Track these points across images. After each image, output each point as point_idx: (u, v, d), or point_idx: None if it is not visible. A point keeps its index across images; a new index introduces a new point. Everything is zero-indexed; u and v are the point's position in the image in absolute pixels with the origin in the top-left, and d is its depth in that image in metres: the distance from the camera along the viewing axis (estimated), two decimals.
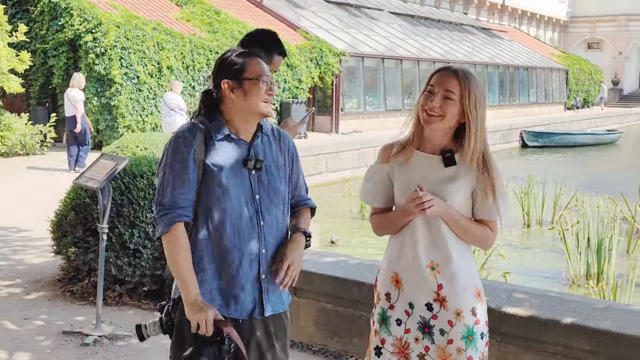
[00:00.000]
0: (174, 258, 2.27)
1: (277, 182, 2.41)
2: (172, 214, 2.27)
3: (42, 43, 15.03)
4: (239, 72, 2.34)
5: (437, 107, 2.30)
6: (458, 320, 2.33)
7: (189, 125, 2.36)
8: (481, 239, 2.39)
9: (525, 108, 30.32)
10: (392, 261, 2.43)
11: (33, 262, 6.09)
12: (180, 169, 2.29)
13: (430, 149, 2.38)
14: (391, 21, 27.57)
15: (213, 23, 17.36)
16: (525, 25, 44.15)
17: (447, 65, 2.41)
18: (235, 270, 2.30)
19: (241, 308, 2.32)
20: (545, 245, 8.39)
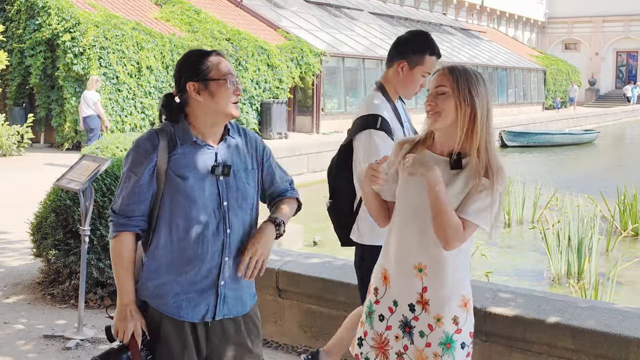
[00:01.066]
0: (115, 264, 2.31)
1: (245, 187, 2.36)
2: (118, 222, 2.28)
3: (19, 42, 14.85)
4: (204, 72, 2.26)
5: (433, 105, 2.27)
6: (438, 325, 2.29)
7: (151, 135, 2.28)
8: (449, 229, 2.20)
9: (504, 108, 30.58)
10: (383, 257, 2.43)
11: (12, 265, 5.99)
12: (135, 181, 2.26)
13: (439, 149, 2.34)
14: (371, 21, 27.65)
15: (193, 23, 17.27)
16: (504, 26, 44.53)
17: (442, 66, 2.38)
18: (193, 277, 2.28)
19: (193, 311, 2.29)
20: (527, 245, 8.45)
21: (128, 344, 2.25)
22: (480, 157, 2.24)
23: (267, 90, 17.83)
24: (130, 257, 2.29)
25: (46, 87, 14.88)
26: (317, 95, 19.40)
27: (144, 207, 2.27)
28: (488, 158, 2.25)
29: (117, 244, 2.28)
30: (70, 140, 14.47)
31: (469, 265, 2.41)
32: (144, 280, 2.30)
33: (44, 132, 15.43)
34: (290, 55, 18.71)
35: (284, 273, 4.18)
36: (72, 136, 14.45)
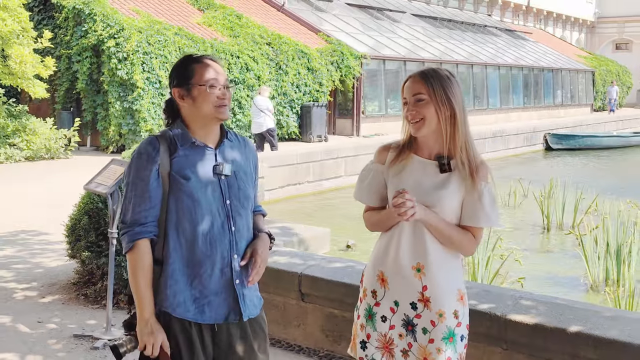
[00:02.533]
0: (133, 275, 2.29)
1: (246, 187, 2.41)
2: (133, 231, 2.28)
3: (67, 49, 15.28)
4: (187, 78, 2.33)
5: (415, 113, 2.33)
6: (440, 321, 2.36)
7: (151, 140, 2.34)
8: (460, 244, 2.37)
9: (551, 110, 29.97)
10: (377, 260, 2.47)
11: (50, 265, 6.17)
12: (142, 187, 2.28)
13: (426, 153, 2.41)
14: (414, 23, 27.47)
15: (234, 27, 17.46)
16: (551, 26, 43.65)
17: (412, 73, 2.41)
18: (208, 279, 2.30)
19: (215, 313, 2.32)
20: (565, 250, 8.25)
21: (158, 357, 2.27)
22: (463, 155, 2.34)
23: (307, 94, 17.90)
24: (149, 266, 2.29)
25: (92, 92, 15.28)
26: (357, 98, 19.38)
27: (155, 212, 2.29)
28: (470, 155, 2.35)
29: (134, 255, 2.28)
30: (114, 144, 14.81)
31: (460, 261, 2.48)
32: (163, 288, 2.31)
33: (90, 136, 15.82)
34: (331, 58, 18.75)
35: (306, 277, 4.19)
36: (117, 139, 14.78)
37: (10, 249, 6.83)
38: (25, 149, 13.44)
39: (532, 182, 12.09)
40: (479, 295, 3.60)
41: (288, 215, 9.47)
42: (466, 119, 2.37)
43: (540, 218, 9.46)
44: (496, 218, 2.37)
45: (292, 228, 5.77)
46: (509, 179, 13.11)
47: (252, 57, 16.52)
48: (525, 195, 11.46)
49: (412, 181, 2.37)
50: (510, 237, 8.67)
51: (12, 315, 4.85)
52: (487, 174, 2.37)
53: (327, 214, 10.51)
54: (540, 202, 9.54)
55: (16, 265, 6.18)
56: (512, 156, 19.52)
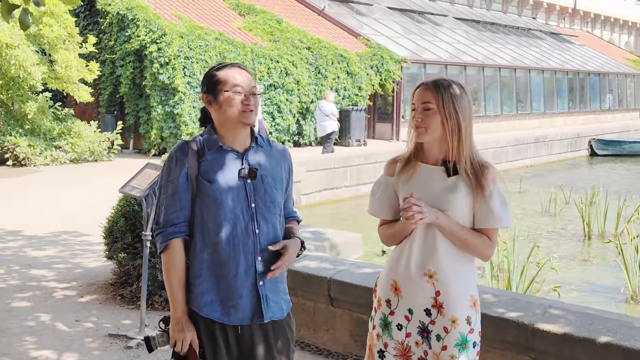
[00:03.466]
0: (167, 275, 2.39)
1: (273, 191, 2.46)
2: (166, 231, 2.38)
3: (111, 53, 15.64)
4: (214, 85, 2.43)
5: (420, 121, 2.37)
6: (453, 327, 2.37)
7: (181, 144, 2.44)
8: (476, 247, 2.38)
9: (597, 115, 29.33)
10: (391, 269, 2.49)
11: (89, 265, 6.34)
12: (173, 189, 2.38)
13: (432, 159, 2.44)
14: (455, 27, 27.24)
15: (274, 32, 17.61)
16: (599, 29, 42.74)
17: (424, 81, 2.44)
18: (233, 280, 2.37)
19: (241, 315, 2.38)
20: (605, 259, 8.08)
21: (187, 354, 2.35)
22: (468, 165, 2.37)
23: (346, 98, 17.92)
24: (182, 265, 2.38)
25: (135, 96, 15.61)
26: (397, 102, 19.31)
27: (186, 213, 2.38)
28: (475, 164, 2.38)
29: (168, 254, 2.37)
30: (156, 147, 15.09)
31: (474, 267, 2.49)
32: (192, 287, 2.38)
33: (133, 139, 16.17)
34: (370, 62, 18.73)
35: (335, 282, 4.21)
36: (158, 142, 15.06)
37: (53, 249, 7.04)
38: (70, 151, 13.80)
39: (574, 189, 11.87)
40: (507, 303, 3.57)
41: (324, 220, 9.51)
42: (471, 131, 2.40)
43: (580, 226, 9.28)
44: (508, 218, 2.38)
45: (323, 233, 5.80)
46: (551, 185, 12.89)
47: (291, 61, 16.63)
48: (566, 202, 11.26)
49: (421, 187, 2.40)
50: (549, 245, 8.53)
51: (51, 314, 4.99)
52: (495, 176, 2.39)
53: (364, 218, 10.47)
54: (581, 209, 9.36)
55: (57, 265, 6.37)
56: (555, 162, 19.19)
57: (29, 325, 4.75)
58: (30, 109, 13.35)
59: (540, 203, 11.28)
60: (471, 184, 2.36)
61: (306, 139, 17.12)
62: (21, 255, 6.74)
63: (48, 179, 11.87)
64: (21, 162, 13.20)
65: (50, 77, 13.36)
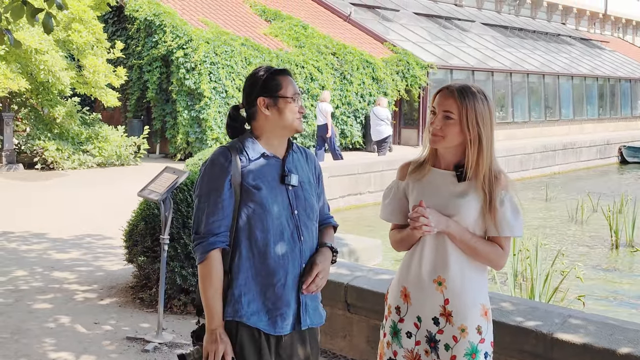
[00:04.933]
0: (205, 286, 2.31)
1: (312, 198, 2.44)
2: (207, 242, 2.30)
3: (138, 59, 15.83)
4: (274, 90, 2.38)
5: (438, 128, 2.32)
6: (463, 336, 2.32)
7: (223, 150, 2.37)
8: (487, 256, 2.33)
9: (628, 122, 28.86)
10: (401, 275, 2.45)
11: (111, 269, 6.39)
12: (216, 197, 2.31)
13: (444, 165, 2.40)
14: (483, 32, 27.04)
15: (300, 38, 17.66)
16: (630, 34, 42.06)
17: (448, 84, 2.38)
18: (281, 289, 2.32)
19: (287, 325, 2.35)
20: (632, 269, 7.90)
21: None
22: (485, 180, 2.32)
23: (372, 104, 17.87)
24: (220, 275, 2.31)
25: (162, 101, 15.76)
26: (423, 108, 19.22)
27: (228, 222, 2.32)
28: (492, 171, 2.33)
29: (207, 265, 2.30)
30: (182, 151, 15.21)
31: (486, 275, 2.44)
32: (237, 297, 2.32)
33: (159, 143, 16.32)
34: (396, 68, 18.68)
35: (352, 288, 4.18)
36: (184, 147, 15.18)
37: (76, 251, 7.11)
38: (97, 155, 13.98)
39: (602, 197, 11.65)
40: (525, 312, 3.50)
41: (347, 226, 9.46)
42: (492, 142, 2.33)
43: (608, 234, 9.09)
44: (519, 227, 2.33)
45: (343, 239, 5.76)
46: (579, 192, 12.68)
47: (316, 67, 16.65)
48: (594, 210, 11.05)
49: (430, 192, 2.37)
50: (575, 253, 8.38)
51: (71, 316, 5.04)
52: (507, 183, 2.34)
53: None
54: (609, 217, 9.17)
55: (80, 268, 6.43)
56: (584, 169, 18.87)
57: (49, 327, 4.80)
58: (59, 113, 13.56)
59: (567, 210, 11.10)
60: (484, 191, 2.31)
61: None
62: (45, 258, 6.82)
63: (75, 183, 12.03)
64: (49, 166, 13.41)
65: (78, 82, 13.56)
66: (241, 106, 2.46)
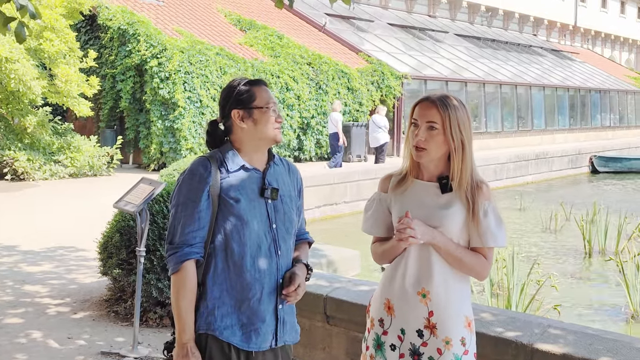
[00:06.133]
0: (177, 297, 2.25)
1: (291, 212, 2.40)
2: (181, 252, 2.25)
3: (111, 68, 15.67)
4: (248, 101, 2.34)
5: (423, 140, 2.31)
6: (447, 348, 2.30)
7: (202, 160, 2.32)
8: (472, 267, 2.32)
9: (598, 132, 29.34)
10: (384, 287, 2.43)
11: (84, 281, 6.27)
12: (193, 207, 2.27)
13: (427, 176, 2.39)
14: (457, 43, 27.33)
15: (275, 47, 17.65)
16: (599, 46, 42.89)
17: (426, 95, 2.38)
18: (257, 304, 2.28)
19: (261, 341, 2.30)
20: (606, 277, 8.00)
21: None
22: (469, 185, 2.33)
23: (347, 114, 17.92)
24: (194, 287, 2.26)
25: (135, 111, 15.61)
26: (398, 118, 19.32)
27: (203, 233, 2.27)
28: (474, 181, 2.34)
29: (181, 276, 2.25)
30: (156, 162, 15.06)
31: (469, 287, 2.43)
32: (210, 310, 2.27)
33: (133, 153, 16.14)
34: (371, 78, 18.76)
35: (331, 299, 4.14)
36: (158, 157, 15.03)
37: (48, 264, 6.97)
38: (69, 165, 13.76)
39: (575, 206, 11.80)
40: (505, 322, 3.50)
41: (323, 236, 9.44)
42: (472, 149, 2.36)
43: (581, 243, 9.20)
44: (502, 237, 2.33)
45: (320, 249, 5.73)
46: (552, 202, 12.83)
47: (292, 76, 16.65)
48: (567, 219, 11.19)
49: (415, 204, 2.35)
50: (549, 263, 8.45)
51: (43, 331, 4.92)
52: (490, 194, 2.34)
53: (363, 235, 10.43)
54: (582, 226, 9.29)
55: (52, 281, 6.30)
56: (556, 179, 19.13)
57: (20, 343, 4.68)
58: (30, 123, 13.34)
59: (541, 220, 11.22)
60: (467, 201, 2.31)
61: (307, 154, 17.10)
62: (16, 271, 6.68)
63: (46, 194, 11.83)
64: (20, 177, 13.16)
65: (50, 92, 13.36)
66: (218, 120, 2.41)
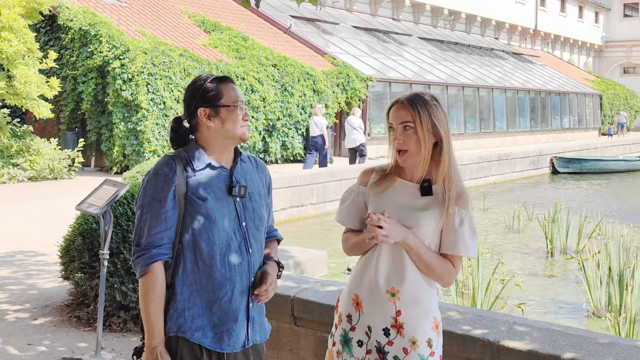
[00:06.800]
0: (145, 301, 2.20)
1: (261, 209, 2.37)
2: (148, 254, 2.21)
3: (72, 69, 15.38)
4: (215, 99, 2.29)
5: (401, 142, 2.30)
6: (413, 348, 2.29)
7: (167, 160, 2.27)
8: (440, 272, 2.31)
9: (558, 134, 29.92)
10: (354, 283, 2.41)
11: (44, 286, 6.12)
12: (159, 208, 2.22)
13: (409, 176, 2.38)
14: (420, 46, 27.58)
15: (240, 49, 17.56)
16: (559, 50, 43.76)
17: (398, 98, 2.37)
18: (228, 304, 2.24)
19: (234, 342, 2.26)
20: (567, 275, 8.14)
21: None
22: (446, 183, 2.30)
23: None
24: (163, 290, 2.21)
25: (97, 113, 15.35)
26: (363, 120, 19.37)
27: (171, 234, 2.23)
28: (452, 183, 2.31)
29: (149, 278, 2.20)
30: (118, 164, 14.83)
31: (436, 289, 2.42)
32: (180, 312, 2.23)
33: (95, 156, 15.87)
34: (337, 80, 18.81)
35: (299, 300, 4.11)
36: (120, 160, 14.81)
37: (7, 269, 6.79)
38: (28, 169, 13.47)
39: (537, 206, 11.99)
40: (472, 320, 3.52)
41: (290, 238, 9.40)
42: (451, 145, 2.33)
43: (543, 242, 9.35)
44: (474, 248, 2.32)
45: (288, 251, 5.70)
46: (514, 202, 13.02)
47: (257, 78, 16.58)
48: (529, 219, 11.36)
49: (393, 203, 2.33)
50: (513, 261, 8.56)
51: (2, 337, 4.79)
52: (468, 202, 2.33)
53: (329, 236, 10.43)
54: (544, 226, 9.44)
55: (11, 287, 6.14)
56: (518, 179, 19.42)
57: None
58: None
59: (504, 220, 11.37)
60: (444, 206, 2.29)
61: (272, 156, 17.04)
62: None
63: (5, 198, 11.54)
64: None
65: (8, 93, 13.05)
66: (183, 118, 2.36)
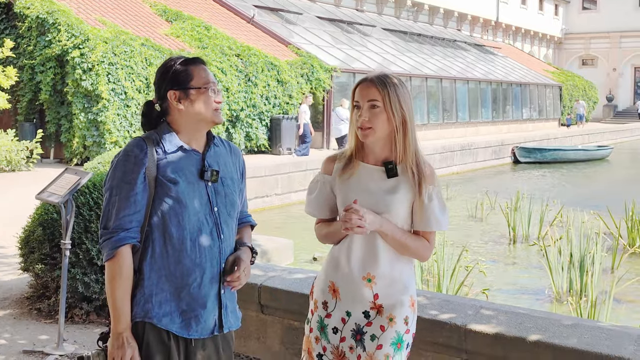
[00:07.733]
0: (112, 285, 2.16)
1: (233, 195, 2.33)
2: (116, 237, 2.16)
3: (30, 59, 14.99)
4: (185, 81, 2.24)
5: (367, 120, 2.29)
6: (390, 325, 2.32)
7: (138, 141, 2.22)
8: (416, 251, 2.35)
9: (519, 124, 30.36)
10: (329, 271, 2.42)
11: (3, 279, 5.97)
12: (128, 190, 2.17)
13: (373, 159, 2.37)
14: (384, 37, 27.66)
15: (203, 39, 17.35)
16: (520, 41, 44.36)
17: (365, 76, 2.38)
18: (197, 289, 2.20)
19: (202, 328, 2.23)
20: (530, 262, 8.29)
21: None
22: (413, 161, 2.33)
23: (277, 106, 17.84)
24: (130, 274, 2.17)
25: (56, 103, 15.00)
26: (327, 111, 19.37)
27: (140, 217, 2.18)
28: (419, 161, 2.34)
29: (116, 262, 2.15)
30: (78, 156, 14.54)
31: (413, 266, 2.46)
32: (147, 297, 2.19)
33: (54, 148, 15.52)
34: (301, 70, 18.74)
35: (266, 288, 4.09)
36: (81, 152, 14.52)
37: None
38: None
39: (499, 195, 12.17)
40: (439, 305, 3.55)
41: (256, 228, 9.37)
42: (414, 125, 2.35)
43: (506, 230, 9.49)
44: (446, 222, 2.36)
45: (254, 239, 5.62)
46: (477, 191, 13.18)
47: (220, 68, 16.41)
48: (492, 208, 11.52)
49: (360, 189, 2.33)
50: (477, 249, 8.68)
51: None
52: (435, 178, 2.36)
53: (295, 226, 10.42)
54: (507, 214, 9.58)
55: None
56: (481, 169, 19.69)
57: None
58: None
59: (467, 209, 11.51)
60: (413, 184, 2.31)
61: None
62: None
63: None
64: None
65: None
66: (154, 101, 2.31)
